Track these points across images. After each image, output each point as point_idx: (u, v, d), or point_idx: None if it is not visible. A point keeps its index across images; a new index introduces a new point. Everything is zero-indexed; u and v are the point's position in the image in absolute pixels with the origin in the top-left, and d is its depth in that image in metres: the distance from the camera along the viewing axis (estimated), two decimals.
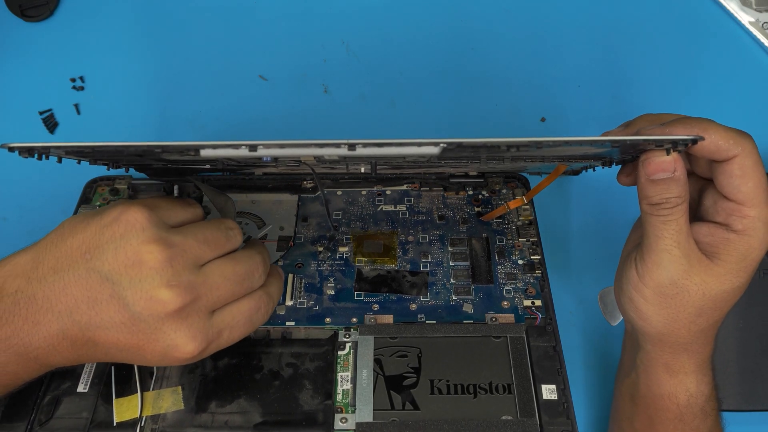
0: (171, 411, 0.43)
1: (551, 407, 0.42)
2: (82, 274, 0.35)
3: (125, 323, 0.35)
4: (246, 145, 0.33)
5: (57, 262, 0.36)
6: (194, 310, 0.36)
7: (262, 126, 0.62)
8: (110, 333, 0.35)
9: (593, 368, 0.53)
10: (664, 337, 0.40)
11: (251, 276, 0.39)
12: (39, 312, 0.35)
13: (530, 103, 0.62)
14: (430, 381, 0.43)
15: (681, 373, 0.41)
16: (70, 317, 0.35)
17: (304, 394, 0.44)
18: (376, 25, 0.65)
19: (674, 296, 0.38)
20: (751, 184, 0.35)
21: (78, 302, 0.35)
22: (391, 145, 0.33)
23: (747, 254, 0.36)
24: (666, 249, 0.37)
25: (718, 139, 0.35)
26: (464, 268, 0.50)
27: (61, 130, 0.62)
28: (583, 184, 0.59)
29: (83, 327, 0.35)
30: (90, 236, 0.36)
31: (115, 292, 0.35)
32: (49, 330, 0.35)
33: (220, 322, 0.38)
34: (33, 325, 0.35)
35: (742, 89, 0.62)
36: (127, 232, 0.36)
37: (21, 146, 0.34)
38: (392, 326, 0.46)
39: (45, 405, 0.43)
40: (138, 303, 0.35)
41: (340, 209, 0.54)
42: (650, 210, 0.37)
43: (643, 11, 0.66)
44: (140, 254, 0.35)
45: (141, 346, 0.36)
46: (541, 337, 0.45)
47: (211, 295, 0.37)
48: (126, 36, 0.66)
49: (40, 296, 0.35)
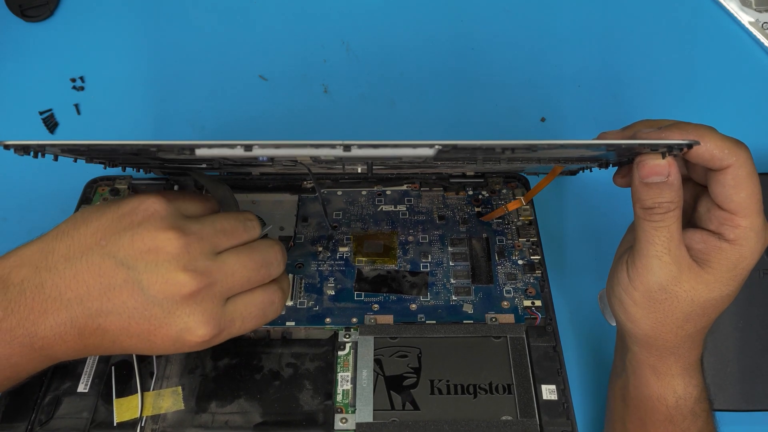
0: (171, 411, 0.43)
1: (551, 407, 0.42)
2: (96, 260, 0.35)
3: (138, 308, 0.35)
4: (241, 145, 0.33)
5: (69, 250, 0.36)
6: (209, 295, 0.36)
7: (261, 126, 0.62)
8: (122, 319, 0.36)
9: (593, 368, 0.53)
10: (651, 340, 0.40)
11: (269, 264, 0.40)
12: (47, 300, 0.35)
13: (530, 103, 0.62)
14: (430, 381, 0.43)
15: (668, 375, 0.41)
16: (80, 305, 0.35)
17: (304, 394, 0.44)
18: (376, 25, 0.65)
19: (663, 301, 0.38)
20: (743, 195, 0.35)
21: (90, 289, 0.35)
22: (387, 147, 0.33)
23: (737, 263, 0.36)
24: (656, 255, 0.37)
25: (713, 148, 0.34)
26: (464, 268, 0.50)
27: (61, 130, 0.62)
28: (581, 185, 0.59)
29: (94, 314, 0.35)
30: (106, 224, 0.36)
31: (130, 277, 0.35)
32: (57, 319, 0.35)
33: (233, 311, 0.38)
34: (40, 314, 0.35)
35: (742, 89, 0.62)
36: (145, 220, 0.36)
37: (16, 144, 0.34)
38: (392, 326, 0.46)
39: (45, 405, 0.43)
40: (153, 287, 0.35)
41: (340, 209, 0.54)
42: (643, 214, 0.37)
43: (643, 11, 0.66)
44: (157, 241, 0.35)
45: (152, 331, 0.36)
46: (541, 338, 0.45)
47: (227, 281, 0.37)
48: (126, 36, 0.66)
49: (49, 285, 0.35)
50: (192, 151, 0.34)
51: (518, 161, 0.44)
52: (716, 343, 0.52)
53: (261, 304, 0.39)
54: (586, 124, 0.61)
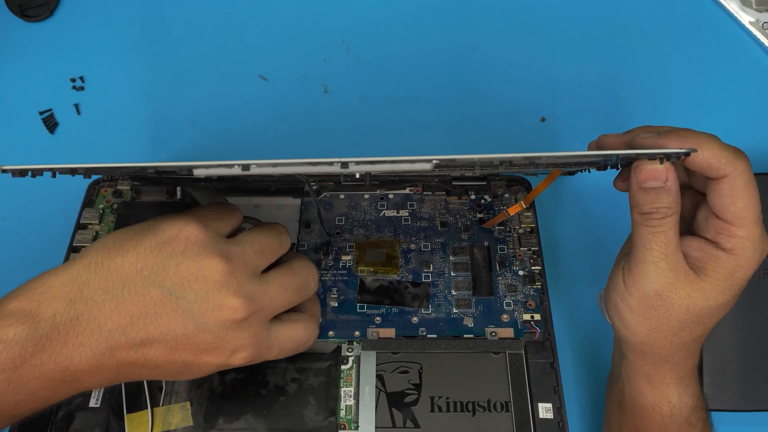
0: (180, 427, 0.44)
1: (547, 426, 0.43)
2: (140, 290, 0.35)
3: (188, 335, 0.36)
4: (239, 165, 0.33)
5: (107, 282, 0.36)
6: (257, 319, 0.37)
7: (262, 126, 0.62)
8: (168, 347, 0.36)
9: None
10: (646, 348, 0.40)
11: (307, 287, 0.41)
12: (84, 333, 0.35)
13: (530, 103, 0.62)
14: (431, 398, 0.44)
15: (662, 384, 0.41)
16: (123, 334, 0.35)
17: (308, 410, 0.45)
18: (376, 25, 0.65)
19: (658, 308, 0.38)
20: (740, 205, 0.35)
21: (134, 318, 0.35)
22: (384, 163, 0.34)
23: (734, 273, 0.36)
24: (653, 260, 0.37)
25: (710, 156, 0.34)
26: (465, 279, 0.50)
27: (61, 130, 0.62)
28: (580, 188, 0.59)
29: (138, 343, 0.35)
30: (145, 253, 0.36)
31: (179, 306, 0.35)
32: (95, 350, 0.35)
33: (276, 338, 0.39)
34: (75, 347, 0.35)
35: (742, 89, 0.62)
36: (188, 249, 0.36)
37: (13, 169, 0.34)
38: (394, 341, 0.47)
39: (59, 420, 0.45)
40: (205, 314, 0.36)
41: (342, 214, 0.54)
42: (640, 220, 0.37)
43: (643, 11, 0.65)
44: (204, 269, 0.36)
45: (198, 357, 0.36)
46: (539, 354, 0.46)
47: (272, 305, 0.38)
48: (126, 36, 0.65)
49: (85, 317, 0.35)
50: (190, 171, 0.34)
51: (517, 166, 0.44)
52: (716, 344, 0.52)
53: (298, 341, 0.41)
54: (586, 124, 0.61)
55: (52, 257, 0.51)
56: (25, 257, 0.57)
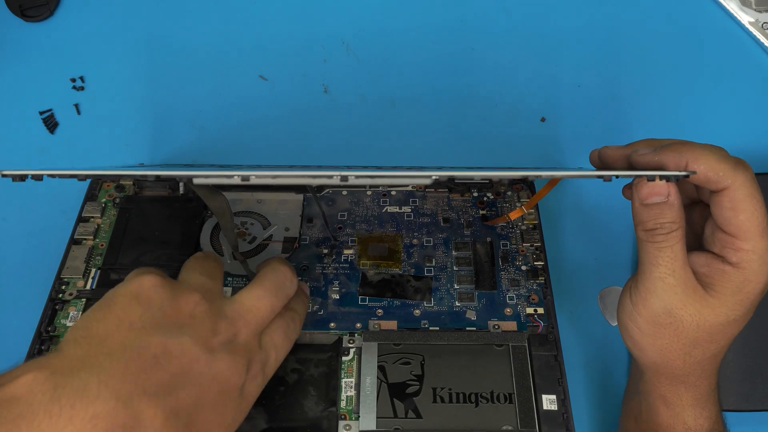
0: None
1: (551, 418, 0.43)
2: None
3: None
4: (239, 175, 0.33)
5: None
6: (244, 337, 0.37)
7: (262, 126, 0.62)
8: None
9: (593, 375, 0.53)
10: (660, 368, 0.39)
11: (282, 286, 0.40)
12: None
13: (530, 103, 0.62)
14: (433, 389, 0.44)
15: (678, 406, 0.40)
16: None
17: (308, 400, 0.44)
18: (376, 25, 0.65)
19: (668, 326, 0.37)
20: (742, 218, 0.34)
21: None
22: (384, 177, 0.34)
23: (742, 287, 0.35)
24: (660, 277, 0.36)
25: (707, 170, 0.34)
26: (468, 273, 0.50)
27: (61, 130, 0.62)
28: (580, 189, 0.59)
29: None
30: (149, 322, 0.34)
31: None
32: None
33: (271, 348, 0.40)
34: None
35: (742, 89, 0.62)
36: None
37: (13, 174, 0.34)
38: (396, 332, 0.47)
39: None
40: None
41: (345, 210, 0.54)
42: (645, 236, 0.36)
43: (642, 11, 0.65)
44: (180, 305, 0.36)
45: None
46: (543, 346, 0.46)
47: (254, 319, 0.38)
48: (126, 36, 0.65)
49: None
50: (190, 180, 0.34)
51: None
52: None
53: (281, 331, 0.40)
54: (586, 124, 0.61)
55: (52, 258, 0.51)
56: (25, 257, 0.57)
